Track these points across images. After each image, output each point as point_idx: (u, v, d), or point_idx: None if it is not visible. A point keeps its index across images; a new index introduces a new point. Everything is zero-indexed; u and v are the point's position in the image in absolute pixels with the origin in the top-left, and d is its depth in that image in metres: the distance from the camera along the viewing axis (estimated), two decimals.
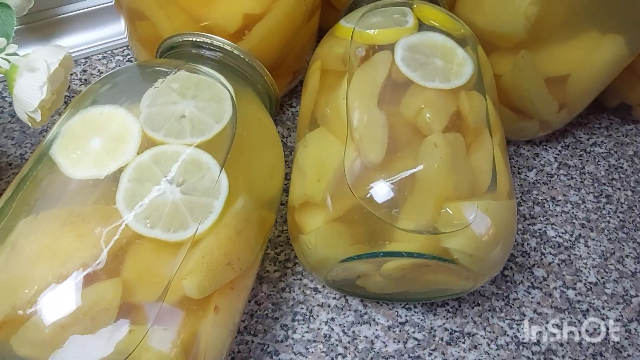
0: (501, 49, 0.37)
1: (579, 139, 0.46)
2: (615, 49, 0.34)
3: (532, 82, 0.36)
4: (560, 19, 0.33)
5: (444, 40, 0.32)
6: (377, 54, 0.31)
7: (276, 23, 0.34)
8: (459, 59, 0.31)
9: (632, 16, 0.33)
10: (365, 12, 0.33)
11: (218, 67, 0.31)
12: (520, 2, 0.33)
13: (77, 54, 0.44)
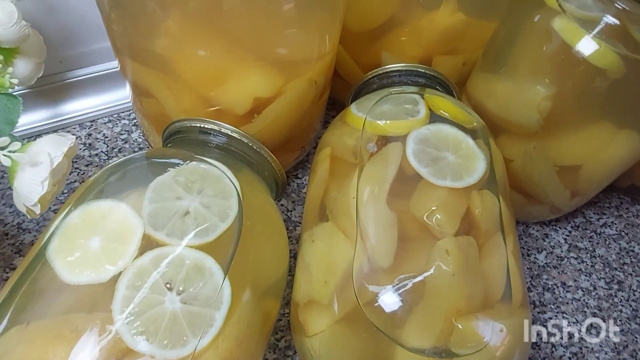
0: (512, 132, 0.36)
1: (589, 219, 0.45)
2: (630, 144, 0.33)
3: (543, 172, 0.36)
4: (573, 114, 0.33)
5: (455, 132, 0.31)
6: (388, 146, 0.30)
7: (286, 106, 0.33)
8: (471, 154, 0.30)
9: None
10: (378, 101, 0.33)
11: (224, 154, 0.30)
12: (533, 96, 0.32)
13: (83, 117, 0.44)
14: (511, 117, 0.34)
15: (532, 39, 0.33)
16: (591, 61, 0.29)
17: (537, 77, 0.32)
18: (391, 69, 0.37)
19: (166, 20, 0.28)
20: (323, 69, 0.34)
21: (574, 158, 0.35)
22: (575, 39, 0.29)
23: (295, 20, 0.30)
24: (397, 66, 0.37)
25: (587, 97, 0.31)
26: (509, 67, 0.34)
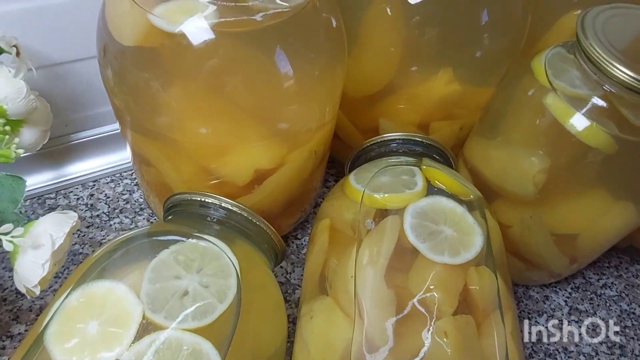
0: (509, 198, 0.37)
1: (589, 279, 0.45)
2: (626, 215, 0.34)
3: (540, 241, 0.36)
4: (569, 185, 0.33)
5: (453, 205, 0.32)
6: (386, 220, 0.31)
7: (286, 177, 0.34)
8: (468, 228, 0.31)
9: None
10: (376, 173, 0.34)
11: (224, 227, 0.31)
12: (528, 168, 0.33)
13: (86, 178, 0.44)
14: (507, 186, 0.35)
15: (526, 112, 0.34)
16: (582, 140, 0.30)
17: (532, 148, 0.33)
18: (389, 138, 0.37)
19: (168, 100, 0.29)
20: (323, 138, 0.35)
21: (571, 227, 0.36)
22: (565, 117, 0.30)
23: (296, 97, 0.31)
24: (395, 135, 0.37)
25: (581, 170, 0.32)
26: (504, 136, 0.35)
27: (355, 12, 0.37)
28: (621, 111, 0.30)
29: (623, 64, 0.27)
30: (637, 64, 0.27)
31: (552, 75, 0.32)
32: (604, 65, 0.27)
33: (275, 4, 0.28)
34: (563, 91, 0.31)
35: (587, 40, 0.28)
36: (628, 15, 0.31)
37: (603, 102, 0.29)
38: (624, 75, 0.27)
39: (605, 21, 0.30)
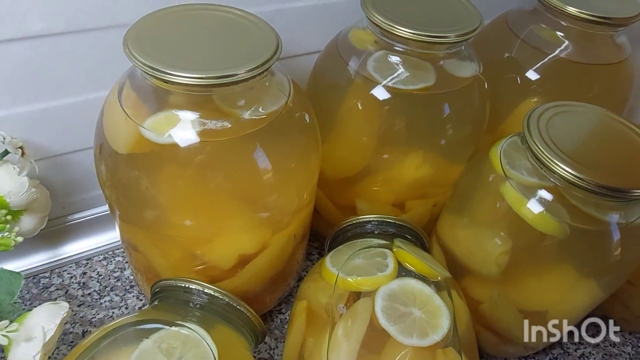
0: (478, 276, 0.39)
1: (566, 350, 0.46)
2: (590, 291, 0.36)
3: (509, 318, 0.38)
4: (532, 266, 0.35)
5: (422, 287, 0.34)
6: (358, 302, 0.33)
7: (267, 260, 0.36)
8: (436, 309, 0.33)
9: (601, 265, 0.35)
10: (350, 255, 0.36)
11: (206, 312, 0.33)
12: (491, 249, 0.35)
13: (80, 256, 0.47)
14: (473, 265, 0.37)
15: (487, 196, 0.36)
16: (534, 226, 0.32)
17: (495, 230, 0.35)
18: (364, 220, 0.40)
19: (156, 196, 0.31)
20: (301, 221, 0.38)
21: (539, 304, 0.37)
22: (518, 205, 0.33)
23: (274, 188, 0.34)
24: (369, 217, 0.40)
25: (540, 252, 0.34)
26: (470, 216, 0.38)
27: (331, 105, 0.41)
28: (570, 201, 0.32)
29: (565, 162, 0.30)
30: (580, 162, 0.30)
31: (507, 165, 0.35)
32: (548, 163, 0.30)
33: (256, 112, 0.31)
34: (517, 180, 0.34)
35: (532, 138, 0.31)
36: (571, 113, 0.34)
37: (551, 193, 0.32)
38: (567, 173, 0.30)
39: (549, 119, 0.33)
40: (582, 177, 0.29)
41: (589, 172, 0.30)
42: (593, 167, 0.30)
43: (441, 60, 0.37)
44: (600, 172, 0.30)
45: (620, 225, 0.32)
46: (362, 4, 0.36)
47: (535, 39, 0.44)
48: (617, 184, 0.30)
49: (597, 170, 0.30)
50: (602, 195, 0.30)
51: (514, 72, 0.45)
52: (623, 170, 0.31)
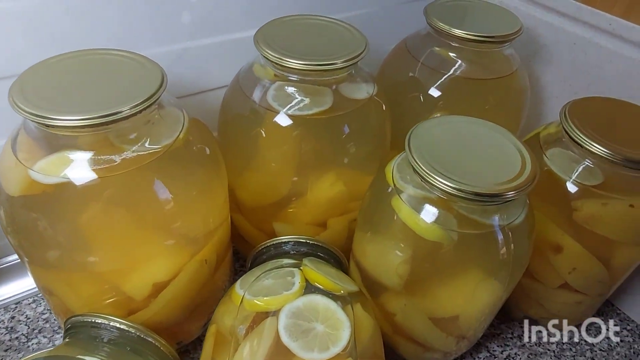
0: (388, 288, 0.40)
1: (492, 352, 0.48)
2: (491, 291, 0.37)
3: (421, 326, 0.39)
4: (433, 273, 0.37)
5: (326, 302, 0.35)
6: (264, 322, 0.34)
7: (179, 288, 0.37)
8: (338, 322, 0.34)
9: (493, 264, 0.37)
10: (259, 275, 0.37)
11: (115, 347, 0.33)
12: (393, 259, 0.37)
13: (7, 301, 0.47)
14: (379, 277, 0.39)
15: (386, 208, 0.38)
16: (422, 236, 0.34)
17: (394, 242, 0.37)
18: (278, 241, 0.42)
19: (56, 236, 0.32)
20: (213, 247, 0.39)
21: (449, 310, 0.39)
22: (407, 217, 0.35)
23: (177, 216, 0.35)
24: (284, 238, 0.42)
25: (437, 260, 0.36)
26: (374, 230, 0.39)
27: (239, 136, 0.42)
28: (456, 209, 0.34)
29: (442, 176, 0.32)
30: (456, 173, 0.32)
31: (399, 179, 0.37)
32: (427, 178, 0.32)
33: (150, 145, 0.33)
34: (408, 193, 0.36)
35: (412, 154, 0.33)
36: (452, 123, 0.37)
37: (438, 204, 0.34)
38: (445, 186, 0.31)
39: (432, 133, 0.36)
40: (459, 187, 0.31)
41: (465, 182, 0.32)
42: (469, 177, 0.32)
43: (334, 85, 0.40)
44: (476, 181, 0.32)
45: (503, 226, 0.34)
46: (255, 41, 0.39)
47: (433, 60, 0.47)
48: (492, 190, 0.32)
49: (473, 179, 0.32)
50: (479, 202, 0.32)
51: (417, 92, 0.48)
52: (496, 176, 0.33)
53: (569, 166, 0.39)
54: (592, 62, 0.49)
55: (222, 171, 0.39)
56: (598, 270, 0.40)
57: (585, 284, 0.42)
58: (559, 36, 0.51)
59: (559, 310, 0.45)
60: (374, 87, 0.42)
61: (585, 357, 0.48)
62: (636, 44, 0.45)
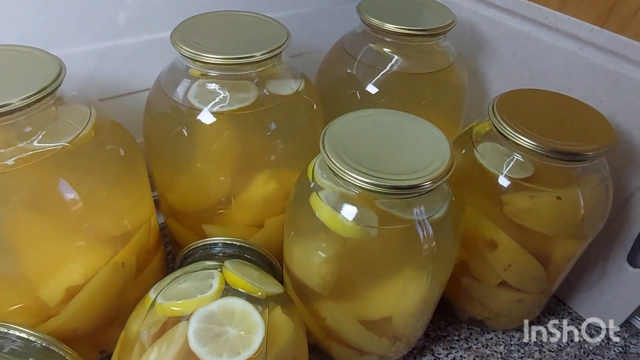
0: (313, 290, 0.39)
1: (437, 355, 0.46)
2: (421, 287, 0.36)
3: (351, 329, 0.38)
4: (357, 273, 0.36)
5: (243, 305, 0.33)
6: (176, 326, 0.32)
7: (92, 293, 0.36)
8: (253, 326, 0.32)
9: (418, 259, 0.35)
10: (176, 278, 0.36)
11: (19, 357, 0.31)
12: (315, 260, 0.35)
13: None
14: (304, 279, 0.37)
15: (308, 206, 0.36)
16: (342, 235, 0.33)
17: (317, 241, 0.35)
18: (203, 243, 0.40)
19: None
20: (131, 250, 0.37)
21: (380, 311, 0.38)
22: (325, 215, 0.33)
23: (88, 215, 0.33)
24: (210, 240, 0.40)
25: (360, 258, 0.35)
26: (297, 230, 0.38)
27: (165, 138, 0.41)
28: (377, 205, 0.33)
29: (356, 171, 0.30)
30: (371, 168, 0.31)
31: (320, 176, 0.35)
32: (341, 174, 0.31)
33: (42, 143, 0.31)
34: (326, 190, 0.34)
35: (325, 150, 0.32)
36: (370, 117, 0.36)
37: (354, 202, 0.33)
38: (358, 181, 0.30)
39: (348, 128, 0.34)
40: (372, 182, 0.30)
41: (379, 176, 0.30)
42: (384, 171, 0.31)
43: (257, 80, 0.39)
44: (391, 174, 0.31)
45: (423, 220, 0.33)
46: (171, 38, 0.37)
47: (369, 57, 0.46)
48: (407, 182, 0.30)
49: (388, 172, 0.31)
50: (395, 195, 0.31)
51: (354, 89, 0.47)
52: (413, 168, 0.32)
53: (499, 160, 0.38)
54: (531, 55, 0.48)
55: (141, 173, 0.37)
56: (533, 267, 0.39)
57: (522, 281, 0.41)
58: (500, 31, 0.50)
59: (501, 309, 0.44)
60: (301, 84, 0.41)
61: (534, 358, 0.47)
62: (572, 36, 0.45)
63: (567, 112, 0.39)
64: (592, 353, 0.48)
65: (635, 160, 0.43)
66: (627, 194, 0.44)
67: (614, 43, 0.42)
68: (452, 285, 0.45)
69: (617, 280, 0.47)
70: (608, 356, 0.47)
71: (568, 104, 0.40)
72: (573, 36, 0.45)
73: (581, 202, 0.36)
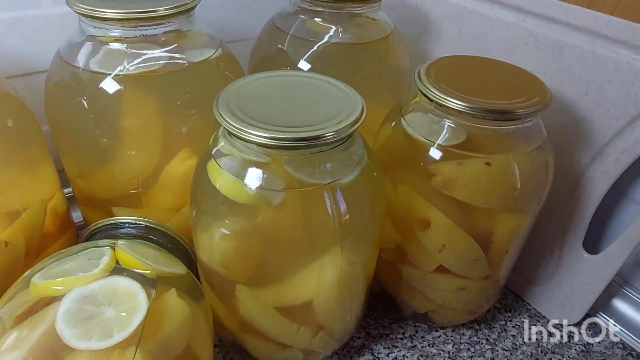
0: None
1: (377, 355, 0.42)
2: (336, 264, 0.32)
3: (263, 316, 0.33)
4: (267, 251, 0.32)
5: (128, 284, 0.29)
6: (45, 309, 0.28)
7: None
8: (136, 306, 0.28)
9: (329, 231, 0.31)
10: (62, 257, 0.32)
11: None
12: (215, 237, 0.31)
13: None
14: (210, 263, 0.33)
15: (208, 181, 0.32)
16: (235, 199, 0.29)
17: (220, 219, 0.31)
18: (106, 223, 0.36)
19: None
20: (17, 230, 0.34)
21: (298, 295, 0.33)
22: (219, 180, 0.30)
23: None
24: (113, 220, 0.37)
25: (266, 231, 0.31)
26: (199, 208, 0.33)
27: (67, 108, 0.38)
28: (284, 168, 0.29)
29: (252, 127, 0.27)
30: (268, 123, 0.27)
31: (219, 143, 0.31)
32: (235, 132, 0.27)
33: None
34: (229, 155, 0.31)
35: (218, 108, 0.29)
36: (272, 78, 0.32)
37: (256, 166, 0.29)
38: (254, 136, 0.27)
39: (245, 89, 0.31)
40: (270, 136, 0.27)
41: (277, 130, 0.27)
42: (283, 124, 0.27)
43: (165, 44, 0.36)
44: (291, 127, 0.27)
45: (331, 184, 0.29)
46: (67, 2, 0.34)
47: (301, 30, 0.44)
48: (306, 134, 0.27)
49: (288, 126, 0.27)
50: (296, 150, 0.28)
51: (285, 64, 0.44)
52: (314, 121, 0.28)
53: (428, 128, 0.35)
54: (476, 32, 0.45)
55: (33, 148, 0.34)
56: (469, 246, 0.35)
57: (460, 263, 0.36)
58: (444, 10, 0.48)
59: (444, 299, 0.40)
60: (216, 52, 0.38)
61: (485, 357, 0.42)
62: (514, 7, 0.42)
63: (498, 75, 0.36)
64: (551, 352, 0.43)
65: (582, 134, 0.39)
66: (578, 172, 0.40)
67: (556, 10, 0.39)
68: (391, 276, 0.41)
69: (574, 270, 0.43)
70: (568, 355, 0.43)
71: (500, 68, 0.37)
72: (515, 7, 0.42)
73: (515, 169, 0.33)
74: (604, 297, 0.46)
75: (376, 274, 0.43)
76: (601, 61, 0.37)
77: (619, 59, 0.36)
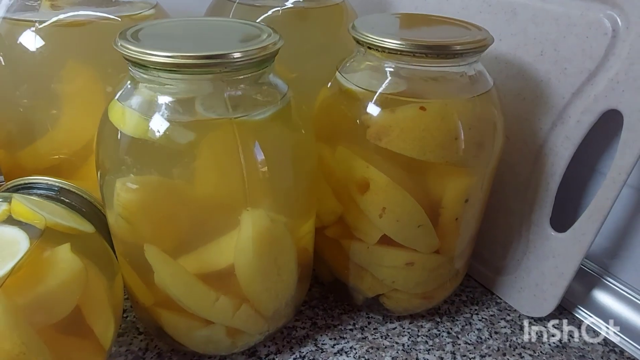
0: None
1: (321, 346, 0.37)
2: (260, 222, 0.28)
3: (174, 280, 0.29)
4: (176, 205, 0.28)
5: (13, 233, 0.26)
6: None
7: None
8: (14, 253, 0.25)
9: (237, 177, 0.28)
10: None
11: None
12: (119, 189, 0.28)
13: None
14: (119, 226, 0.29)
15: (112, 126, 0.30)
16: (141, 137, 0.26)
17: (122, 172, 0.28)
18: (14, 184, 0.33)
19: None
20: None
21: (221, 260, 0.29)
22: (123, 122, 0.27)
23: None
24: (21, 180, 0.34)
25: (178, 176, 0.27)
26: (102, 167, 0.29)
27: None
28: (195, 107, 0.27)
29: (155, 50, 0.24)
30: (171, 48, 0.25)
31: (126, 85, 0.29)
32: (136, 57, 0.25)
33: None
34: (137, 95, 0.28)
35: (119, 43, 0.26)
36: (184, 21, 0.31)
37: (165, 99, 0.26)
38: (157, 57, 0.24)
39: (152, 29, 0.29)
40: (174, 55, 0.24)
41: (178, 53, 0.24)
42: (186, 50, 0.25)
43: None
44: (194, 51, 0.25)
45: (239, 119, 0.26)
46: None
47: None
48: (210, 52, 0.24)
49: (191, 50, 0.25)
50: (199, 69, 0.25)
51: None
52: (222, 45, 0.26)
53: (366, 82, 0.32)
54: (432, 6, 0.43)
55: None
56: (411, 208, 0.31)
57: (403, 229, 0.32)
58: None
59: (393, 280, 0.35)
60: (153, 8, 0.36)
61: (444, 351, 0.37)
62: None
63: (441, 25, 0.34)
64: (521, 347, 0.38)
65: (541, 98, 0.36)
66: (540, 140, 0.37)
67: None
68: (338, 257, 0.37)
69: (543, 253, 0.38)
70: (541, 350, 0.38)
71: (445, 21, 0.35)
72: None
73: (453, 115, 0.29)
74: (583, 289, 0.41)
75: (324, 258, 0.39)
76: (554, 17, 0.35)
77: (571, 12, 0.34)
